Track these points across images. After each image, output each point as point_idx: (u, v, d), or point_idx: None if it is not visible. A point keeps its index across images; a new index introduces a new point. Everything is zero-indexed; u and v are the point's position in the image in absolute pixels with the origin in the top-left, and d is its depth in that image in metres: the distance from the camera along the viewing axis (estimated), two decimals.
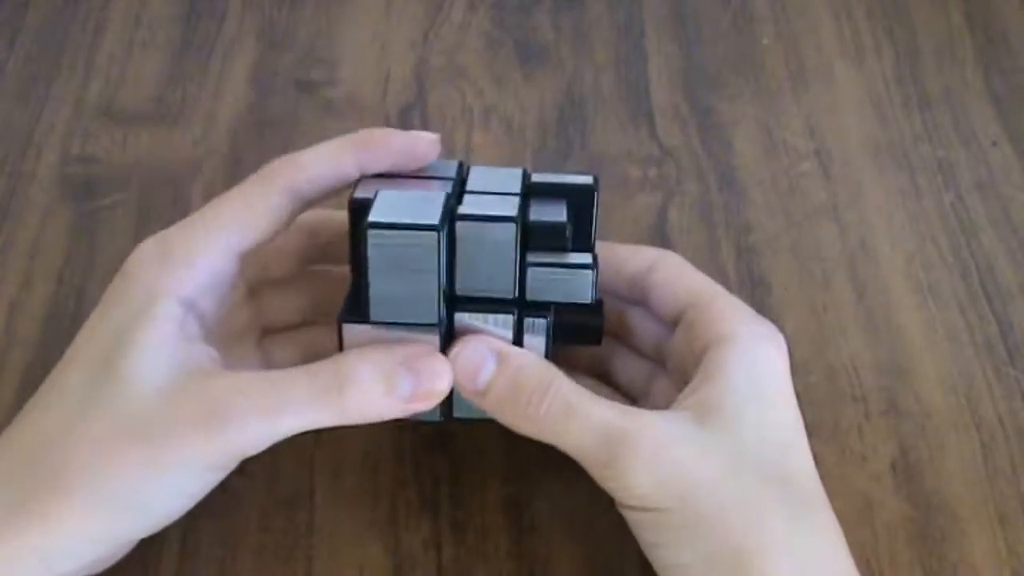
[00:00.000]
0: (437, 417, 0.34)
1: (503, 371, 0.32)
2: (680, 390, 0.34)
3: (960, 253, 0.46)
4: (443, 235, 0.31)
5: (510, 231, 0.32)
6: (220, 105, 0.49)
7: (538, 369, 0.32)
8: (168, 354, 0.31)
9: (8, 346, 0.41)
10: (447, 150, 0.48)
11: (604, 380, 0.39)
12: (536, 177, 0.35)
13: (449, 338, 0.33)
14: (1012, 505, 0.39)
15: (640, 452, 0.31)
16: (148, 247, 0.33)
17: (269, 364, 0.37)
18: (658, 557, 0.32)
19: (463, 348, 0.32)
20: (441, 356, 0.32)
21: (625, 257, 0.37)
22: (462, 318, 0.33)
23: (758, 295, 0.44)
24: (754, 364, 0.33)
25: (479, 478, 0.38)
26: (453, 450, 0.39)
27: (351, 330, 0.32)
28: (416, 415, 0.33)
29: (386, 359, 0.31)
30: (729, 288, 0.44)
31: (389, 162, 0.34)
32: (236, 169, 0.47)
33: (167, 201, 0.46)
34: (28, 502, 0.29)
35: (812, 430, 0.40)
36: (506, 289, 0.33)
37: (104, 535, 0.30)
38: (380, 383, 0.31)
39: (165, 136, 0.48)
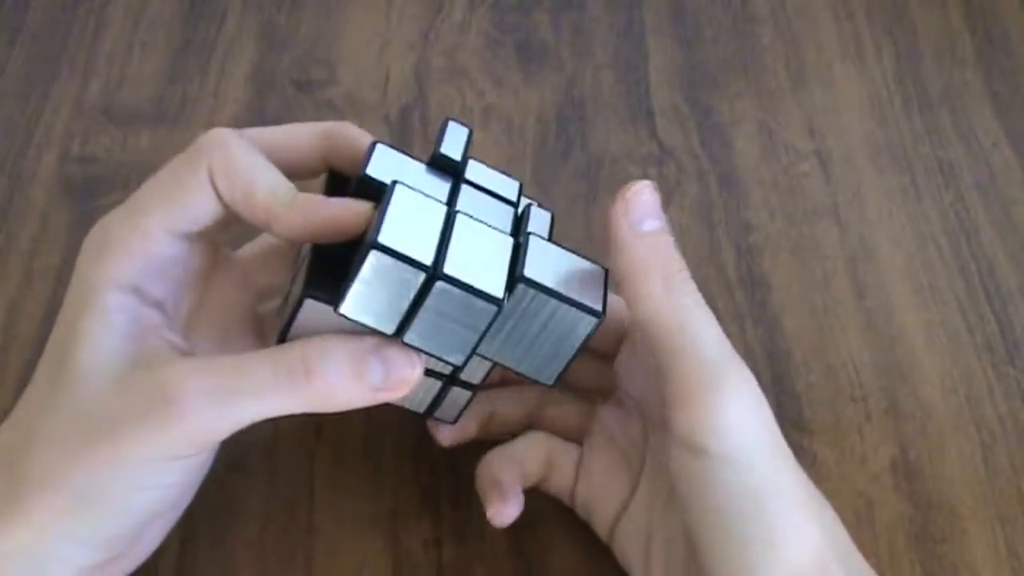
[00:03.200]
0: (421, 410, 0.34)
1: (665, 231, 0.31)
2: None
3: (960, 253, 0.46)
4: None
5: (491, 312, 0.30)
6: (220, 105, 0.49)
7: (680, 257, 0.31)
8: (116, 345, 0.30)
9: (8, 346, 0.41)
10: None
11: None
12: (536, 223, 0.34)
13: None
14: (1012, 505, 0.39)
15: (751, 383, 0.30)
16: (90, 238, 0.32)
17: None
18: (713, 525, 0.30)
19: (644, 188, 0.31)
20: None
21: None
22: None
23: (758, 295, 0.44)
24: (739, 403, 0.31)
25: None
26: (453, 450, 0.39)
27: (313, 308, 0.31)
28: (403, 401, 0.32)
29: (356, 345, 0.30)
30: (729, 288, 0.44)
31: (349, 161, 0.34)
32: (188, 154, 0.47)
33: None
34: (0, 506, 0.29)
35: (812, 430, 0.40)
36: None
37: (85, 534, 0.29)
38: (349, 369, 0.30)
39: (165, 136, 0.48)
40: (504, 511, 0.35)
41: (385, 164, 0.32)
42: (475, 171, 0.34)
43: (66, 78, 0.50)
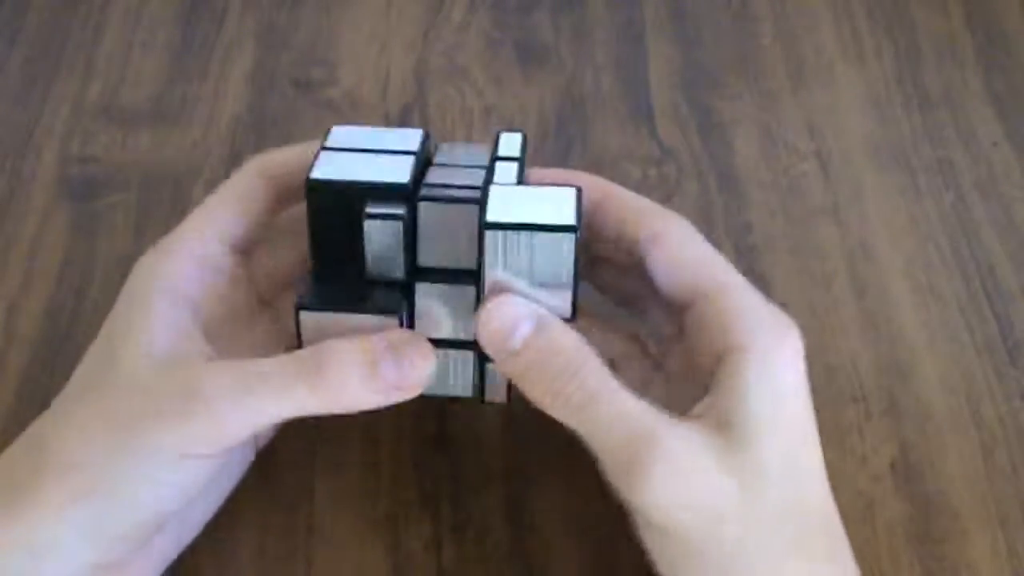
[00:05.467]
0: (470, 394, 0.34)
1: (538, 337, 0.30)
2: (692, 380, 0.33)
3: (960, 253, 0.46)
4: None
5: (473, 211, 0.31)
6: (220, 105, 0.49)
7: (573, 345, 0.30)
8: (156, 345, 0.31)
9: (8, 346, 0.41)
10: None
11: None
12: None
13: (411, 326, 0.33)
14: (1012, 505, 0.39)
15: (667, 457, 0.29)
16: (148, 252, 0.34)
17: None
18: None
19: (502, 302, 0.30)
20: (425, 341, 0.31)
21: (625, 216, 0.34)
22: (423, 288, 0.33)
23: None
24: (774, 382, 0.31)
25: (479, 478, 0.38)
26: (453, 450, 0.39)
27: (310, 319, 0.32)
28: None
29: (369, 343, 0.30)
30: None
31: None
32: (236, 169, 0.47)
33: (167, 201, 0.46)
34: (13, 491, 0.30)
35: None
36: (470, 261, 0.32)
37: (89, 527, 0.30)
38: (362, 367, 0.30)
39: (165, 136, 0.48)
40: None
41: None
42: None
43: (66, 78, 0.50)
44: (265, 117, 0.49)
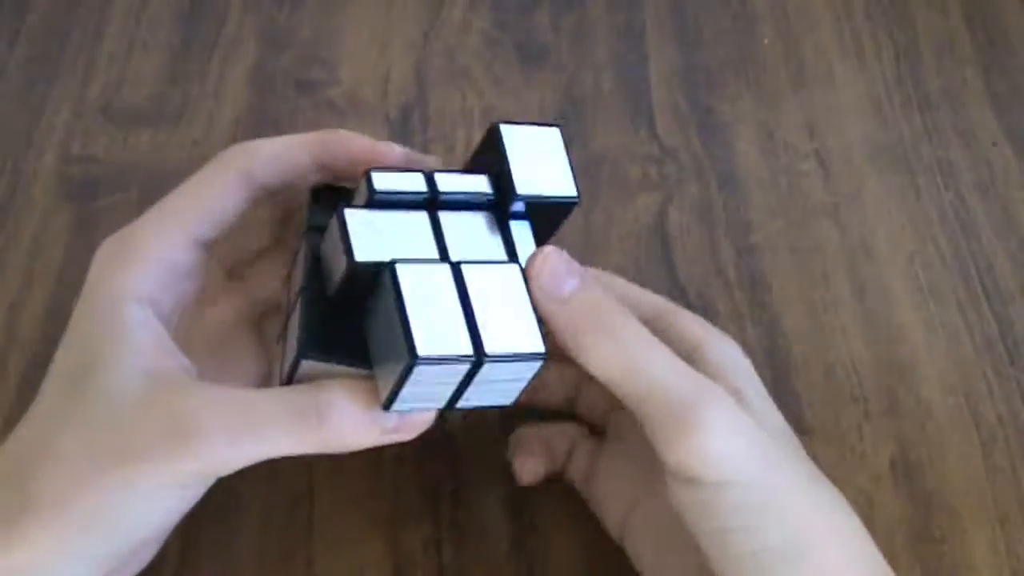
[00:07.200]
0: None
1: (587, 287, 0.31)
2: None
3: (960, 253, 0.46)
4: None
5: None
6: (220, 105, 0.49)
7: (615, 302, 0.31)
8: (136, 365, 0.29)
9: (8, 346, 0.41)
10: (447, 150, 0.48)
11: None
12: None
13: None
14: (1012, 505, 0.39)
15: (727, 402, 0.30)
16: (106, 249, 0.32)
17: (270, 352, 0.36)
18: (721, 543, 0.30)
19: (548, 255, 0.31)
20: None
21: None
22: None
23: (758, 295, 0.44)
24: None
25: (479, 478, 0.38)
26: (453, 450, 0.39)
27: (309, 364, 0.30)
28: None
29: (371, 394, 0.30)
30: (729, 288, 0.44)
31: (346, 163, 0.33)
32: (213, 160, 0.47)
33: None
34: (2, 522, 0.28)
35: (812, 430, 0.40)
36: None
37: (87, 553, 0.29)
38: (363, 416, 0.30)
39: (165, 136, 0.48)
40: (529, 462, 0.37)
41: (364, 233, 0.31)
42: (444, 183, 0.33)
43: (66, 78, 0.50)
44: (265, 117, 0.49)
